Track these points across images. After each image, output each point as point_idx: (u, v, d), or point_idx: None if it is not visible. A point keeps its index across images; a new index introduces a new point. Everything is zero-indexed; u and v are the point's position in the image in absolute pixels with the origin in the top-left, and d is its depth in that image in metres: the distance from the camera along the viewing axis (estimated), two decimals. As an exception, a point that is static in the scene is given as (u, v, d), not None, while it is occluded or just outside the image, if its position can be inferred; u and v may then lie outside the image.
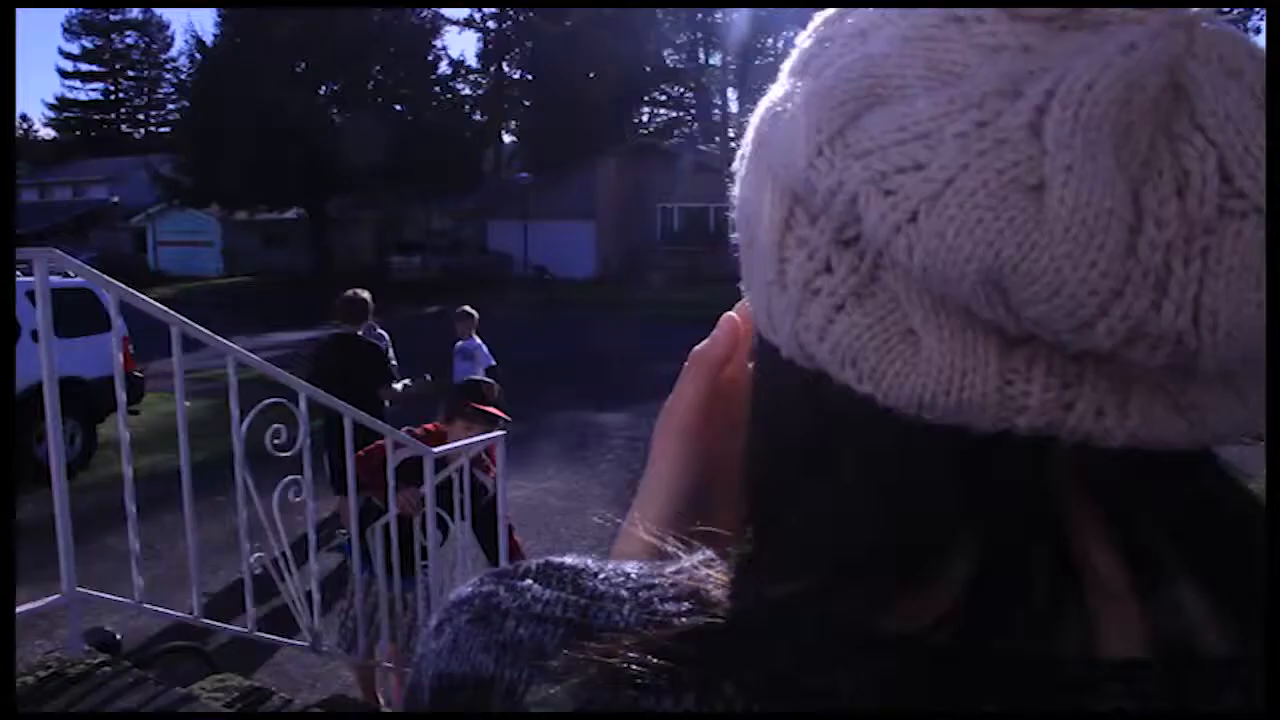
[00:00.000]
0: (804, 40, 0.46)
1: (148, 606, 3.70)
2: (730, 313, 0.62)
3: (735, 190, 0.51)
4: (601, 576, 0.47)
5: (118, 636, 4.40)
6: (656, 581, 0.46)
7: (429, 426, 4.91)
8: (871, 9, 0.43)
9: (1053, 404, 0.38)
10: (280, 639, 4.31)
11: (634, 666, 0.41)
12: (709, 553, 0.49)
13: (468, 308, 7.49)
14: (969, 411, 0.39)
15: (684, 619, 0.43)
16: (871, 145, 0.38)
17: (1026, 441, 0.39)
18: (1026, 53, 0.37)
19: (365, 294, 7.00)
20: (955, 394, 0.38)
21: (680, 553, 0.49)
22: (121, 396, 3.52)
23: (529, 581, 0.47)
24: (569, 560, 0.48)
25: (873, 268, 0.40)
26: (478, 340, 8.91)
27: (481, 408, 4.90)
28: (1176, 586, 0.40)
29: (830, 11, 0.46)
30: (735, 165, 0.52)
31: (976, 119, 0.36)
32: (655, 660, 0.41)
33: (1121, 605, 0.40)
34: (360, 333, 7.03)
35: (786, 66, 0.47)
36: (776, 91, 0.46)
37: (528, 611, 0.45)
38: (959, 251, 0.36)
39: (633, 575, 0.47)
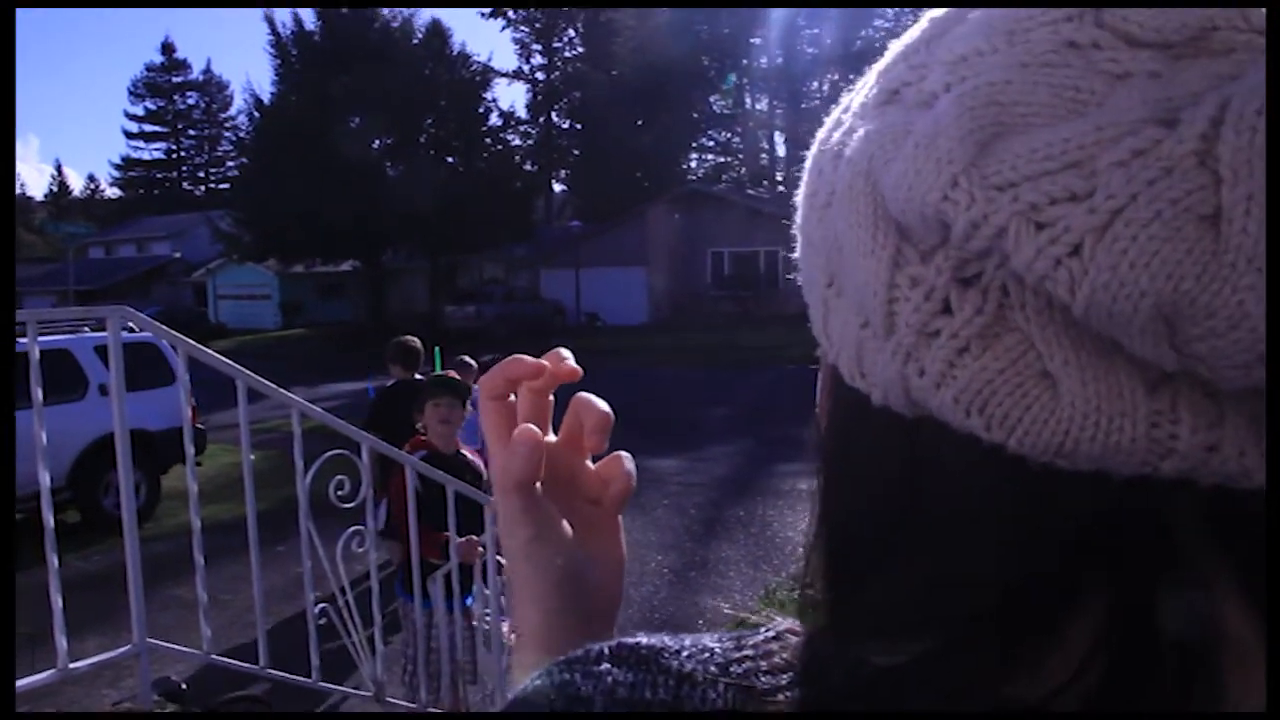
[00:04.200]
0: (886, 68, 0.45)
1: (216, 658, 3.74)
2: (526, 427, 0.59)
3: (799, 234, 0.49)
4: (685, 655, 0.44)
5: (183, 686, 4.44)
6: (745, 654, 0.44)
7: (417, 439, 4.78)
8: (969, 34, 0.41)
9: (1200, 445, 0.36)
10: (345, 689, 4.34)
11: None
12: (790, 620, 0.47)
13: (466, 358, 7.53)
14: (1113, 457, 0.37)
15: (787, 695, 0.41)
16: (1014, 176, 0.36)
17: (1159, 487, 0.37)
18: (1156, 79, 0.35)
19: (416, 340, 7.10)
20: (1102, 439, 0.36)
21: (760, 622, 0.46)
22: (190, 449, 3.59)
23: (606, 666, 0.43)
24: (644, 640, 0.45)
25: (998, 308, 0.38)
26: (477, 389, 8.92)
27: (439, 375, 4.85)
28: None
29: (913, 37, 0.44)
30: (798, 206, 0.49)
31: (1133, 147, 0.34)
32: None
33: (1250, 663, 0.38)
34: (419, 377, 7.10)
35: (860, 96, 0.46)
36: (867, 125, 0.43)
37: (613, 697, 0.42)
38: (1134, 285, 0.34)
39: (717, 651, 0.44)
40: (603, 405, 0.62)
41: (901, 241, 0.40)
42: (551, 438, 0.64)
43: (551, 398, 0.64)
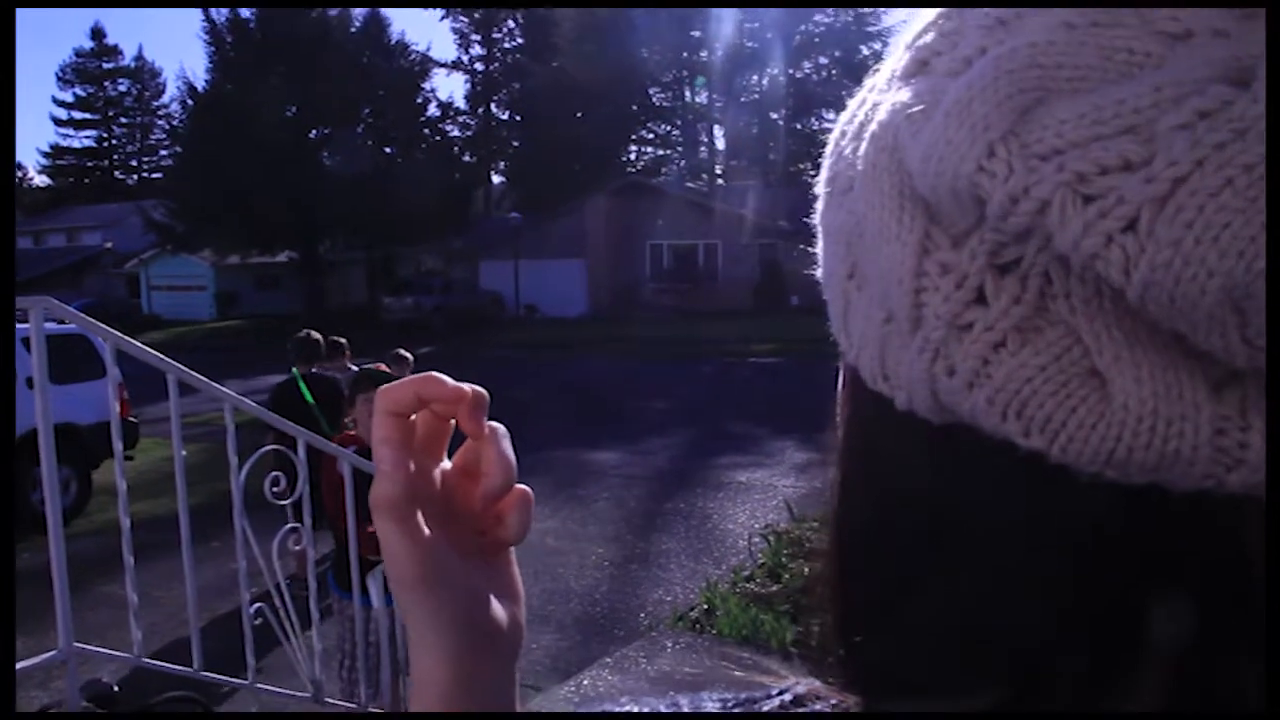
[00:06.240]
0: (915, 38, 0.40)
1: (148, 661, 3.67)
2: (382, 446, 0.51)
3: (818, 225, 0.45)
4: None
5: (115, 688, 4.35)
6: None
7: (347, 434, 4.76)
8: None
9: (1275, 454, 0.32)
10: (283, 691, 4.27)
11: None
12: (808, 681, 0.42)
13: (401, 351, 7.52)
14: (1172, 467, 0.32)
15: None
16: (1059, 143, 0.31)
17: (1226, 506, 0.33)
18: (1222, 38, 0.31)
19: (316, 335, 7.50)
20: (1159, 446, 0.32)
21: (762, 680, 0.41)
22: (118, 445, 3.51)
23: None
24: (634, 712, 0.39)
25: (1038, 296, 0.34)
26: None
27: (370, 369, 4.87)
28: None
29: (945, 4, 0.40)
30: (818, 194, 0.45)
31: (1199, 108, 0.30)
32: None
33: None
34: (315, 371, 7.41)
35: (886, 72, 0.41)
36: (895, 98, 0.38)
37: None
38: (1200, 264, 0.29)
39: None
40: (511, 459, 0.54)
41: (930, 224, 0.36)
42: (446, 464, 0.58)
43: (451, 421, 0.56)
